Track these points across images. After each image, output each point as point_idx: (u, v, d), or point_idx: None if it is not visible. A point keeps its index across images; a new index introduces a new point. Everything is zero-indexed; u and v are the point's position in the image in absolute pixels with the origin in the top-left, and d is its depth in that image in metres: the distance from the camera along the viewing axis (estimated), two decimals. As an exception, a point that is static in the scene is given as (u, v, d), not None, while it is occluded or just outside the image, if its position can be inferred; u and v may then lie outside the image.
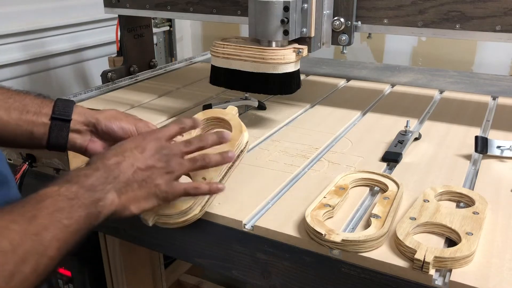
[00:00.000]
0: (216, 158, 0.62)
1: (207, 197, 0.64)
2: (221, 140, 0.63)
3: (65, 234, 0.47)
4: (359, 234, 0.60)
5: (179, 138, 0.68)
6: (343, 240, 0.58)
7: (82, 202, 0.50)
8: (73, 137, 0.65)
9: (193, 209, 0.63)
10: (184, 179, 0.64)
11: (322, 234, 0.59)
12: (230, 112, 0.77)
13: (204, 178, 0.64)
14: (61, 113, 0.63)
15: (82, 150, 0.67)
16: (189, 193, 0.60)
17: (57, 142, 0.64)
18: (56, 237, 0.46)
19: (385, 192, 0.71)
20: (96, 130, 0.66)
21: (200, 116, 0.76)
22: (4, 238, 0.42)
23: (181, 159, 0.60)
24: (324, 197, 0.69)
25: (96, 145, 0.67)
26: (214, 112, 0.77)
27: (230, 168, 0.70)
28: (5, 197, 0.55)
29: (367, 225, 0.64)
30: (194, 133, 0.73)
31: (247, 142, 0.74)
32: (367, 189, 0.75)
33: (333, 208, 0.66)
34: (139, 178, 0.56)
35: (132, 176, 0.56)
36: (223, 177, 0.69)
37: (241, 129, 0.73)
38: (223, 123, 0.76)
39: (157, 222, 0.63)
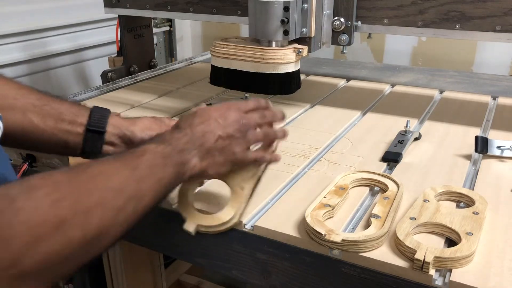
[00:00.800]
0: (280, 134, 0.67)
1: (244, 205, 0.66)
2: (283, 118, 0.69)
3: (158, 186, 0.53)
4: (359, 234, 0.60)
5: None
6: (343, 240, 0.58)
7: (173, 161, 0.56)
8: (107, 149, 0.67)
9: (234, 218, 0.65)
10: (215, 183, 0.68)
11: (322, 234, 0.59)
12: None
13: (242, 188, 0.66)
14: (96, 125, 0.65)
15: None
16: (256, 161, 0.65)
17: (92, 152, 0.66)
18: (152, 187, 0.52)
19: (385, 192, 0.71)
20: (131, 142, 0.68)
21: None
22: (115, 179, 0.49)
23: (256, 131, 0.65)
24: (324, 197, 0.69)
25: None
26: None
27: (263, 173, 0.70)
28: None
29: (367, 225, 0.64)
30: None
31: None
32: (367, 189, 0.75)
33: (333, 208, 0.66)
34: (220, 146, 0.61)
35: (214, 145, 0.61)
36: (256, 183, 0.68)
37: None
38: None
39: (199, 230, 0.65)
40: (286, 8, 0.87)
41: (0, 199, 0.40)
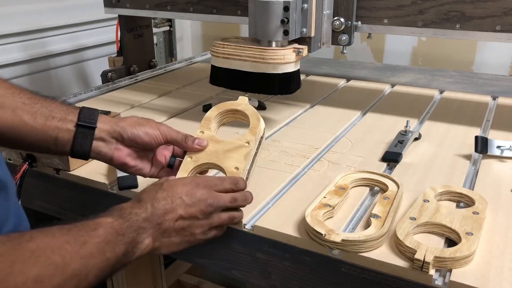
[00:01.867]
0: (240, 218, 0.65)
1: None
2: (251, 201, 0.65)
3: (106, 265, 0.51)
4: (359, 234, 0.60)
5: (206, 135, 0.71)
6: (343, 240, 0.58)
7: (126, 240, 0.53)
8: (98, 145, 0.66)
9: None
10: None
11: (322, 234, 0.59)
12: (242, 102, 0.77)
13: (237, 168, 0.66)
14: (86, 121, 0.63)
15: (107, 159, 0.68)
16: (218, 236, 0.63)
17: (81, 149, 0.65)
18: (97, 266, 0.50)
19: (385, 192, 0.71)
20: (122, 138, 0.67)
21: (214, 111, 0.76)
22: (58, 255, 0.46)
23: (221, 214, 0.62)
24: (324, 197, 0.69)
25: (122, 153, 0.68)
26: (227, 104, 0.77)
27: (255, 155, 0.71)
28: (3, 204, 0.55)
29: (367, 225, 0.64)
30: (213, 128, 0.74)
31: (264, 128, 0.75)
32: (367, 189, 0.75)
33: (333, 208, 0.66)
34: (179, 226, 0.59)
35: (172, 225, 0.58)
36: (251, 166, 0.70)
37: (258, 117, 0.74)
38: (238, 113, 0.76)
39: None
40: (286, 8, 0.87)
41: None
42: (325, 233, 0.60)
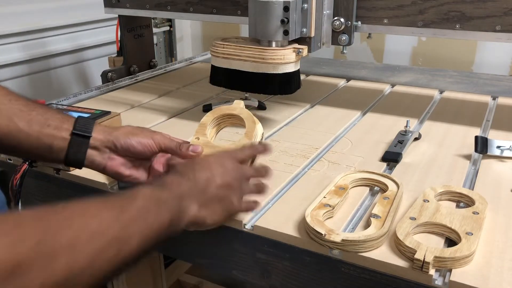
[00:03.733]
0: (266, 189, 0.67)
1: None
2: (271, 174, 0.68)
3: (148, 231, 0.50)
4: (359, 234, 0.60)
5: (201, 141, 0.72)
6: (343, 240, 0.58)
7: (168, 207, 0.54)
8: (92, 154, 0.66)
9: None
10: None
11: (322, 234, 0.60)
12: (238, 106, 0.77)
13: None
14: (82, 129, 0.64)
15: (101, 168, 0.68)
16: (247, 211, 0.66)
17: (75, 158, 0.65)
18: (139, 231, 0.49)
19: (385, 192, 0.71)
20: (115, 147, 0.67)
21: (210, 116, 0.76)
22: (95, 220, 0.45)
23: (249, 183, 0.65)
24: (324, 197, 0.69)
25: (115, 162, 0.68)
26: (222, 109, 0.77)
27: (254, 160, 0.72)
28: None
29: (367, 225, 0.64)
30: (210, 133, 0.75)
31: (262, 132, 0.75)
32: (367, 189, 0.75)
33: (333, 208, 0.66)
34: (220, 194, 0.60)
35: (215, 192, 0.59)
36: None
37: (254, 120, 0.74)
38: (234, 118, 0.77)
39: None
40: (286, 8, 0.87)
41: None
42: (325, 233, 0.60)
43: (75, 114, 0.74)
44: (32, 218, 0.42)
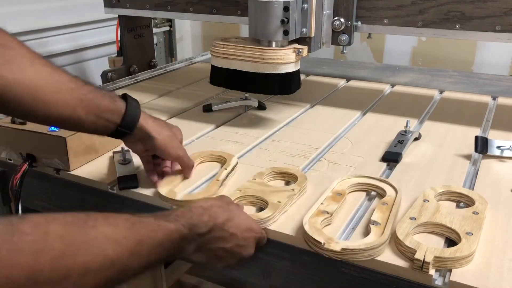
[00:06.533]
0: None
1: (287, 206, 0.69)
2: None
3: (154, 264, 0.53)
4: (359, 242, 0.59)
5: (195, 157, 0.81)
6: (342, 249, 0.58)
7: (176, 248, 0.56)
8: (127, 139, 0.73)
9: (273, 217, 0.66)
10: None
11: (321, 243, 0.59)
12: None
13: (279, 202, 0.68)
14: (126, 126, 0.70)
15: (140, 152, 0.76)
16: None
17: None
18: (145, 266, 0.52)
19: (383, 197, 0.71)
20: (146, 148, 0.74)
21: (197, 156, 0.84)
22: (113, 248, 0.47)
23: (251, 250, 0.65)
24: (322, 204, 0.67)
25: (149, 152, 0.75)
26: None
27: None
28: None
29: (366, 231, 0.63)
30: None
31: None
32: (364, 193, 0.74)
33: (331, 215, 0.65)
34: (229, 251, 0.61)
35: (222, 249, 0.61)
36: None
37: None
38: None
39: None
40: (286, 8, 0.87)
41: None
42: (324, 241, 0.59)
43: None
44: (59, 230, 0.44)
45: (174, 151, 0.75)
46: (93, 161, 0.85)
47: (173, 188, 0.74)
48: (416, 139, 0.94)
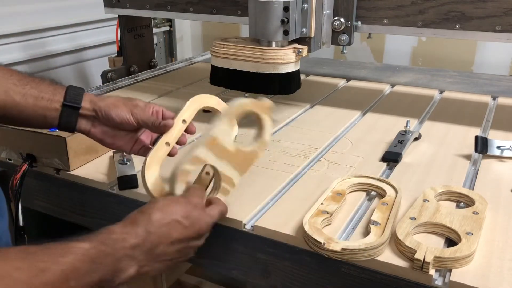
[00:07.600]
0: None
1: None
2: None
3: None
4: (359, 242, 0.59)
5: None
6: (342, 248, 0.58)
7: (101, 268, 0.50)
8: (80, 122, 0.70)
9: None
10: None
11: (321, 243, 0.59)
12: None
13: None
14: (72, 101, 0.67)
15: (86, 133, 0.72)
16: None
17: (67, 126, 0.69)
18: None
19: (383, 197, 0.71)
20: (98, 117, 0.70)
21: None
22: (3, 283, 0.43)
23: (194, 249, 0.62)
24: (322, 204, 0.67)
25: (98, 129, 0.71)
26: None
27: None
28: None
29: (366, 231, 0.63)
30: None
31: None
32: (364, 193, 0.74)
33: (331, 215, 0.65)
34: (173, 250, 0.58)
35: (166, 249, 0.57)
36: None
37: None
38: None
39: None
40: (286, 8, 0.87)
41: None
42: (324, 241, 0.59)
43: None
44: None
45: (127, 108, 0.69)
46: (93, 161, 0.85)
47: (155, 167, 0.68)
48: (416, 139, 0.94)
